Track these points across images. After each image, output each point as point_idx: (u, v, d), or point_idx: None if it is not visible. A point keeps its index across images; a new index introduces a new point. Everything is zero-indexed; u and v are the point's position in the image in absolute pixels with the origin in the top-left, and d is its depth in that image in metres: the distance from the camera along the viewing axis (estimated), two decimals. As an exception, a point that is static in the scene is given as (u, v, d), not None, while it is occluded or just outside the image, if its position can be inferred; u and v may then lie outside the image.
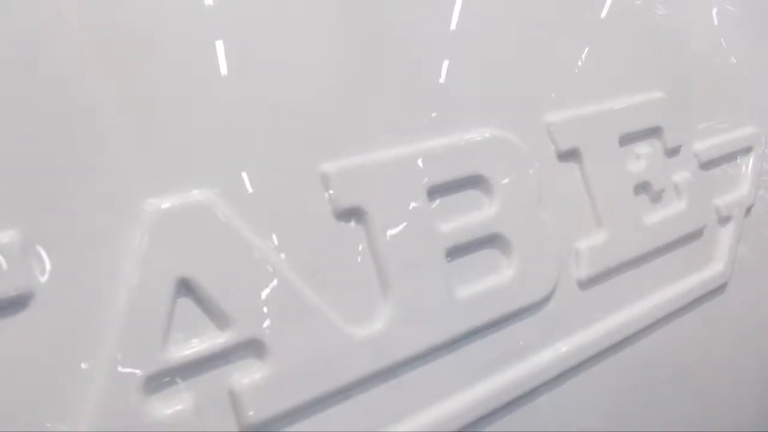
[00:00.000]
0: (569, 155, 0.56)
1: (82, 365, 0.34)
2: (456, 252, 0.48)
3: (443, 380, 0.47)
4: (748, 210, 0.73)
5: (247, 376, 0.38)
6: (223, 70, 0.40)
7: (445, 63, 0.50)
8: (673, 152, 0.65)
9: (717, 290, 0.69)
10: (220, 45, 0.40)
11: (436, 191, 0.47)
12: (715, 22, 0.74)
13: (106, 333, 0.34)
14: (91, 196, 0.35)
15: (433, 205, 0.47)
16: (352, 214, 0.43)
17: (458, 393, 0.48)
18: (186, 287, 0.37)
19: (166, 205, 0.37)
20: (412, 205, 0.46)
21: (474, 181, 0.49)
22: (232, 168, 0.40)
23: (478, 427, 0.48)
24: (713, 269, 0.68)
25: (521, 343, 0.52)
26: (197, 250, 0.37)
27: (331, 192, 0.43)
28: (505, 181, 0.50)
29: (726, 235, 0.70)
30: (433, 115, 0.49)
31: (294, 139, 0.42)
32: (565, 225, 0.55)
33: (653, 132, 0.63)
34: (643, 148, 0.62)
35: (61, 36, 0.35)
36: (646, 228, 0.61)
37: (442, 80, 0.50)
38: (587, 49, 0.60)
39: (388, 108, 0.46)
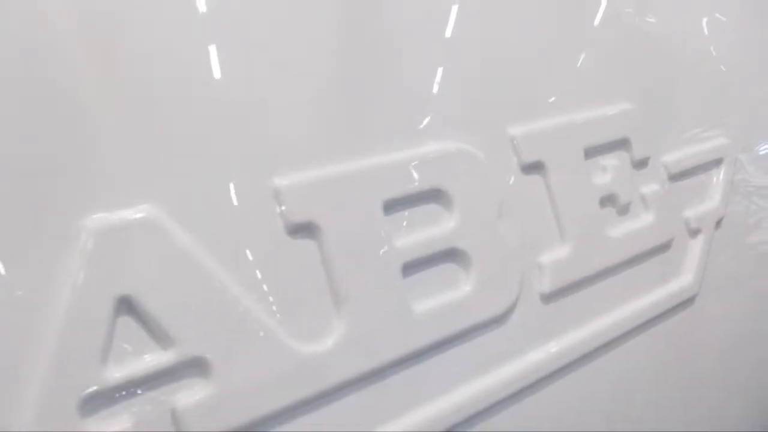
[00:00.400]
0: (533, 168, 0.55)
1: (15, 386, 0.33)
2: (414, 267, 0.47)
3: (398, 397, 0.46)
4: (719, 222, 0.73)
5: (190, 395, 0.37)
6: (169, 81, 0.39)
7: (405, 74, 0.49)
8: (641, 164, 0.65)
9: (686, 302, 0.68)
10: (166, 56, 0.40)
11: (393, 205, 0.47)
12: (686, 33, 0.74)
13: (41, 351, 0.33)
14: (30, 211, 0.34)
15: (390, 220, 0.46)
16: (304, 229, 0.43)
17: (415, 409, 0.47)
18: (127, 305, 0.36)
19: (107, 220, 0.36)
20: (368, 219, 0.45)
21: (433, 195, 0.49)
22: (178, 182, 0.39)
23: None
24: (682, 282, 0.68)
25: (481, 357, 0.51)
26: (139, 267, 0.36)
27: (283, 207, 0.42)
28: (465, 194, 0.50)
29: (696, 247, 0.70)
30: (392, 127, 0.48)
31: (245, 151, 0.42)
32: (527, 238, 0.54)
33: (620, 144, 0.63)
34: (610, 160, 0.62)
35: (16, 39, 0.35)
36: (612, 241, 0.60)
37: (401, 92, 0.49)
38: (553, 59, 0.60)
39: (344, 120, 0.46)
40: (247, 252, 0.41)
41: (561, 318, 0.57)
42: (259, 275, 0.41)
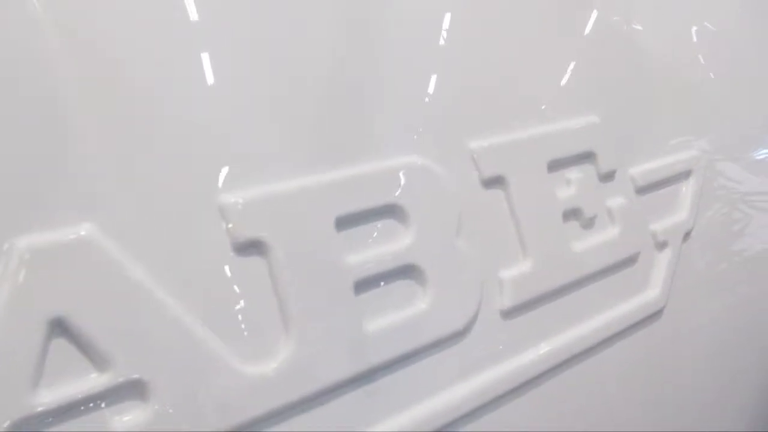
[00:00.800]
0: (494, 182, 0.55)
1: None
2: (367, 284, 0.46)
3: (350, 419, 0.45)
4: (687, 235, 0.72)
5: (128, 420, 0.36)
6: (112, 96, 0.38)
7: (360, 86, 0.49)
8: (607, 177, 0.64)
9: (653, 316, 0.68)
10: (110, 71, 0.39)
11: (346, 221, 0.46)
12: (656, 44, 0.74)
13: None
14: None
15: (343, 236, 0.46)
16: (252, 246, 0.42)
17: (369, 428, 0.46)
18: (62, 327, 0.35)
19: (43, 239, 0.35)
20: (319, 236, 0.44)
21: (388, 210, 0.48)
22: (119, 199, 0.38)
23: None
24: (649, 295, 0.67)
25: (439, 375, 0.50)
26: (76, 287, 0.35)
27: (229, 225, 0.41)
28: (423, 209, 0.49)
29: (663, 260, 0.69)
30: (346, 140, 0.47)
31: (190, 167, 0.41)
32: (487, 253, 0.54)
33: (585, 157, 0.62)
34: (575, 173, 0.61)
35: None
36: (576, 255, 0.60)
37: (355, 104, 0.48)
38: (516, 70, 0.59)
39: (294, 134, 0.45)
40: (192, 271, 0.40)
41: (522, 334, 0.56)
42: (203, 295, 0.40)
